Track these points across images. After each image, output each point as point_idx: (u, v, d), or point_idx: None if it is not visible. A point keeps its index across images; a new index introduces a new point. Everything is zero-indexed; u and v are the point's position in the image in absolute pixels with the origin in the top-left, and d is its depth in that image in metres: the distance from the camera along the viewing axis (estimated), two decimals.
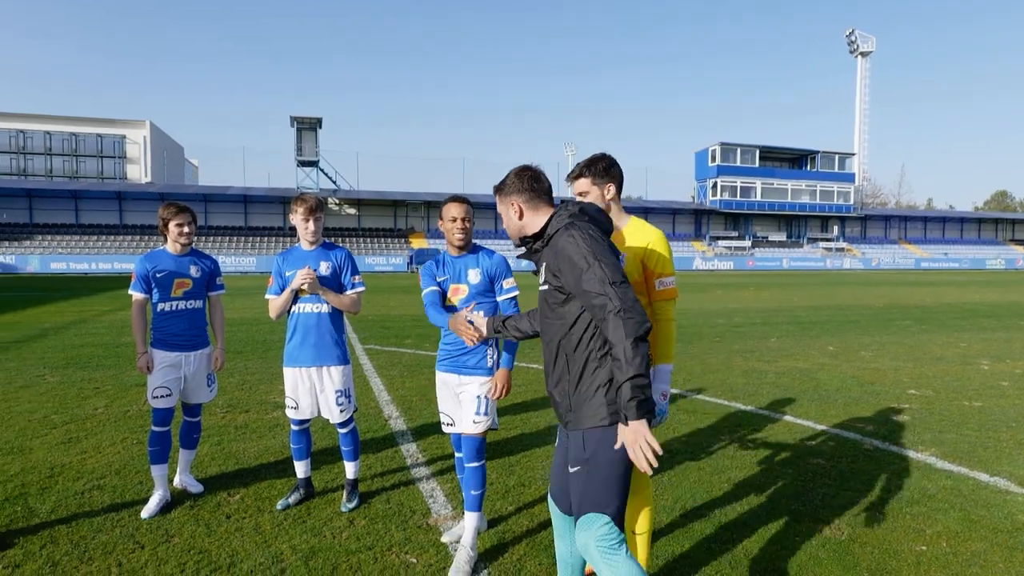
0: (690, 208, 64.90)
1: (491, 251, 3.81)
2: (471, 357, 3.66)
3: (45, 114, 74.81)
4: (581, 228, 2.42)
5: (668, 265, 2.99)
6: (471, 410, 3.63)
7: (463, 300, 3.67)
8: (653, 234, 3.03)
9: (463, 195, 3.84)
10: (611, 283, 2.27)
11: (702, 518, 4.08)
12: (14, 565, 3.44)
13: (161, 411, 4.29)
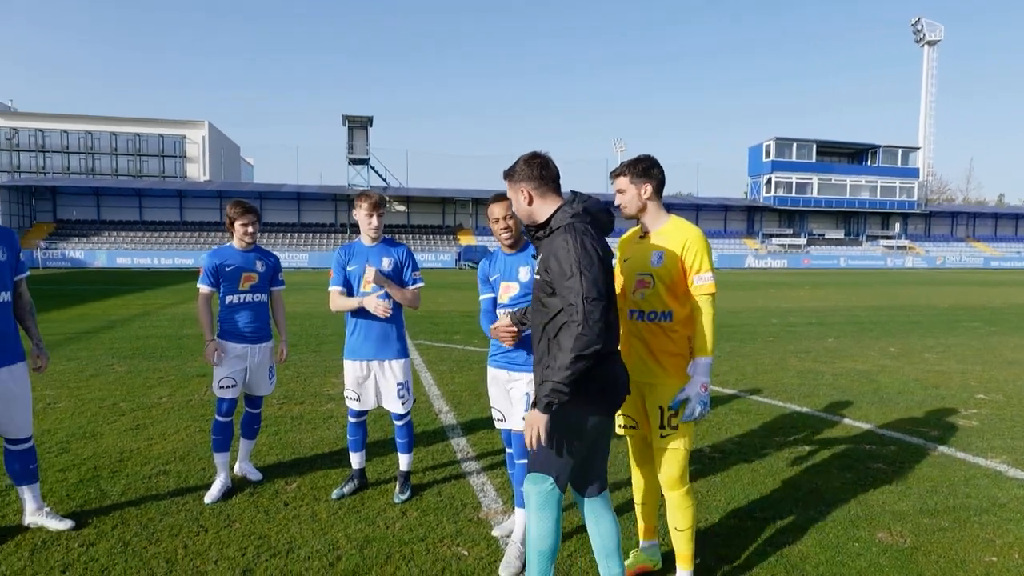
0: (743, 205, 63.45)
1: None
2: (520, 354, 3.67)
3: (111, 116, 78.16)
4: (578, 232, 2.58)
5: (706, 261, 3.04)
6: (520, 407, 3.64)
7: (512, 298, 3.65)
8: (691, 232, 3.09)
9: None
10: (583, 297, 2.48)
11: (755, 520, 4.00)
12: (88, 543, 3.62)
13: (226, 401, 4.44)
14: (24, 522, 3.85)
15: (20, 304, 3.87)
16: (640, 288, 3.16)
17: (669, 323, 3.10)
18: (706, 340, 3.02)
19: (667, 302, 3.09)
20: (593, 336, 2.47)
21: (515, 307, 3.65)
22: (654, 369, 3.13)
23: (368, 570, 3.36)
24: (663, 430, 3.10)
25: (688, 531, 3.18)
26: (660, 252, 3.10)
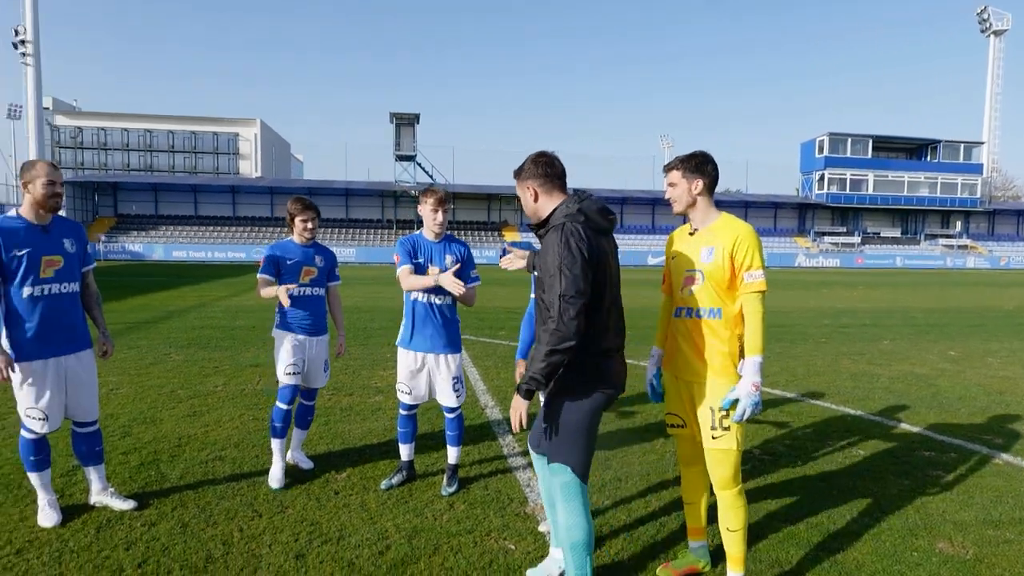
0: (794, 202, 61.82)
1: None
2: None
3: (169, 115, 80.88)
4: (568, 231, 2.70)
5: (756, 258, 2.99)
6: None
7: None
8: (742, 228, 3.04)
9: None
10: (560, 295, 2.63)
11: (808, 525, 3.90)
12: (150, 523, 3.77)
13: (290, 388, 4.51)
14: (90, 501, 4.03)
15: (87, 294, 4.04)
16: (688, 285, 3.12)
17: (718, 320, 3.05)
18: (757, 339, 2.96)
19: (716, 299, 3.04)
20: (568, 332, 2.62)
21: None
22: (701, 368, 3.09)
23: (416, 560, 3.41)
24: (714, 431, 3.05)
25: (740, 532, 3.12)
26: (710, 248, 3.05)
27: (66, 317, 3.80)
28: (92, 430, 4.00)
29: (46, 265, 3.70)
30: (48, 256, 3.71)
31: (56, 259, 3.74)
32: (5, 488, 4.23)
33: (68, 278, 3.81)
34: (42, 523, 3.74)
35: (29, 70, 37.60)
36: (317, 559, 3.40)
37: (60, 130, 77.87)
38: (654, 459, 5.05)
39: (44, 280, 3.69)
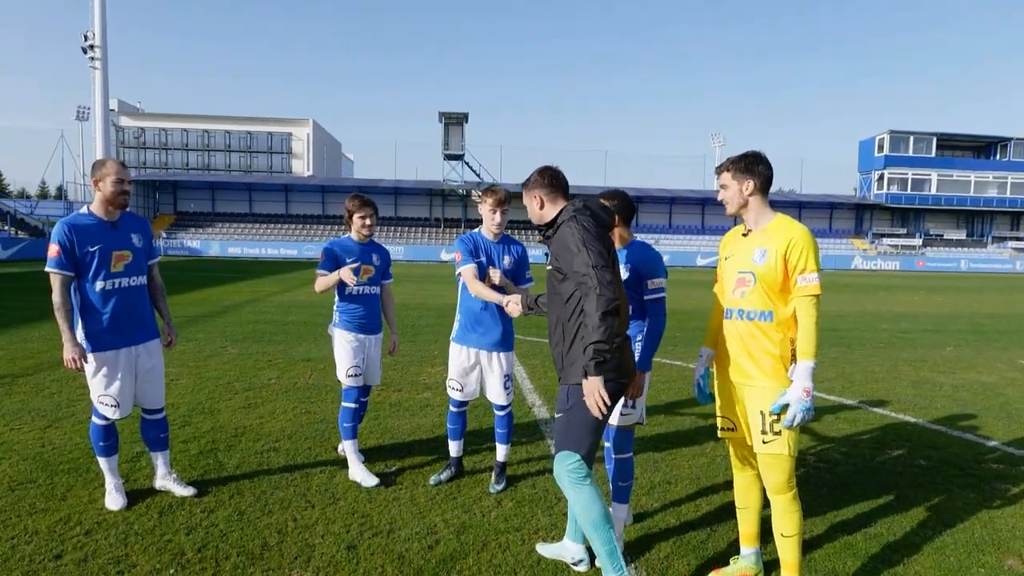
0: (851, 203, 59.87)
1: (647, 247, 3.72)
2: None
3: (226, 115, 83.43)
4: (579, 220, 2.93)
5: (811, 261, 2.92)
6: (618, 403, 3.60)
7: None
8: (797, 230, 2.97)
9: (616, 190, 3.78)
10: (593, 266, 2.79)
11: (866, 535, 3.78)
12: (209, 510, 3.90)
13: (355, 389, 4.56)
14: (155, 485, 4.20)
15: (153, 286, 4.21)
16: (740, 287, 3.07)
17: (769, 323, 2.98)
18: (810, 343, 2.88)
19: (768, 302, 2.98)
20: (610, 295, 2.76)
21: None
22: (751, 371, 3.03)
23: (465, 555, 3.43)
24: (765, 435, 2.98)
25: (795, 538, 3.04)
26: (763, 250, 2.98)
27: (135, 309, 3.98)
28: (159, 417, 4.17)
29: (116, 260, 3.88)
30: (118, 251, 3.88)
31: (125, 254, 3.92)
32: (75, 472, 4.44)
33: (136, 272, 3.99)
34: (109, 506, 3.91)
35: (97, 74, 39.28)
36: (368, 551, 3.46)
37: (124, 131, 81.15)
38: (704, 462, 4.97)
39: (115, 274, 3.87)
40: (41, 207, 51.88)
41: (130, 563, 3.27)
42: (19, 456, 4.71)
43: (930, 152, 58.29)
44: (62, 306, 3.73)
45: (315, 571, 3.24)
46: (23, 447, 4.91)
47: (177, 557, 3.34)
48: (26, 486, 4.18)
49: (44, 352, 8.67)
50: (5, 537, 3.49)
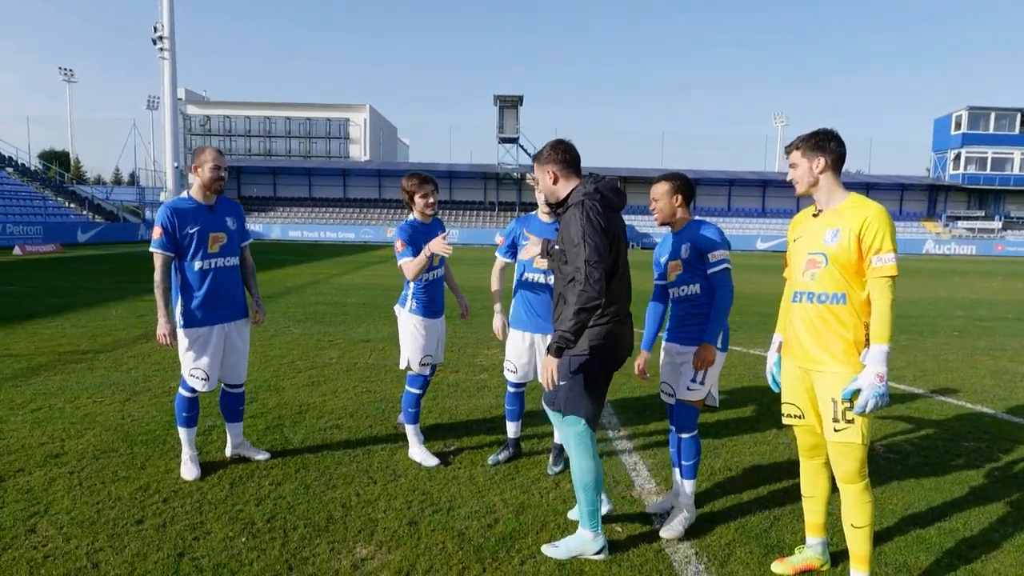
0: (923, 183, 57.01)
1: (705, 222, 3.71)
2: (694, 329, 3.64)
3: (286, 102, 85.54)
4: (588, 207, 3.04)
5: (887, 241, 2.79)
6: (687, 377, 3.63)
7: (680, 275, 3.68)
8: (872, 209, 2.86)
9: (676, 172, 3.77)
10: (586, 260, 2.94)
11: (939, 530, 3.62)
12: (276, 482, 4.05)
13: (423, 377, 4.57)
14: (227, 454, 4.43)
15: (244, 266, 4.42)
16: (810, 268, 2.96)
17: (842, 306, 2.87)
18: (884, 327, 2.76)
19: (841, 283, 2.87)
20: (593, 293, 2.92)
21: (682, 285, 3.63)
22: (822, 356, 2.92)
23: (524, 535, 3.46)
24: (836, 423, 2.87)
25: (866, 529, 2.94)
26: (835, 230, 2.87)
27: (229, 288, 4.23)
28: (239, 391, 4.42)
29: (213, 241, 4.12)
30: (214, 233, 4.13)
31: (221, 235, 4.16)
32: (152, 443, 4.67)
33: (231, 252, 4.23)
34: (185, 476, 4.11)
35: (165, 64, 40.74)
36: (429, 527, 3.53)
37: (191, 119, 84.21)
38: (766, 449, 4.86)
39: (211, 255, 4.12)
40: (115, 193, 54.41)
41: (205, 530, 3.43)
42: (102, 427, 4.99)
43: (1013, 129, 54.74)
44: (162, 284, 4.00)
45: (378, 545, 3.33)
46: (105, 418, 5.19)
47: (248, 526, 3.48)
48: (108, 455, 4.43)
49: (121, 329, 9.14)
50: (91, 502, 3.71)
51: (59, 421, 5.12)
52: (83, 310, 10.96)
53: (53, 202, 39.95)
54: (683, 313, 3.70)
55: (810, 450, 3.19)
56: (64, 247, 30.12)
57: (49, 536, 3.33)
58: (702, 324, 3.62)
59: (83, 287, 14.51)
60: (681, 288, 3.69)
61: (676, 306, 3.76)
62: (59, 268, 19.63)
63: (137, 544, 3.27)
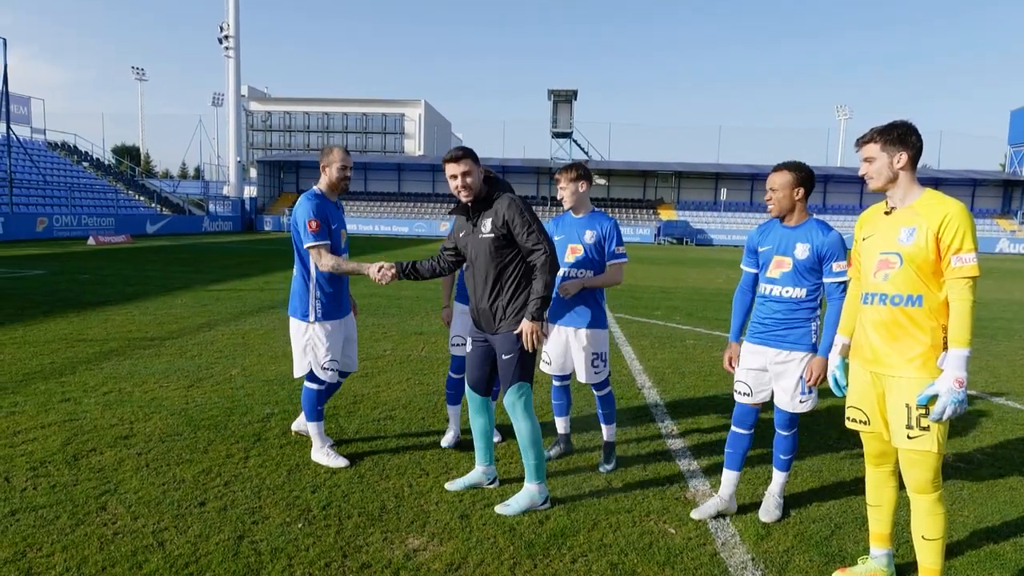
0: (998, 179, 54.08)
1: (828, 227, 3.51)
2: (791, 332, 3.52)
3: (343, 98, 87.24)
4: (518, 200, 3.66)
5: (968, 239, 2.66)
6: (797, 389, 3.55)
7: (786, 274, 3.51)
8: (952, 206, 2.72)
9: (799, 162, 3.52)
10: (545, 239, 3.56)
11: (1016, 546, 3.43)
12: (331, 471, 4.13)
13: (457, 359, 4.66)
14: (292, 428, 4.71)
15: None
16: (883, 269, 2.82)
17: (918, 309, 2.73)
18: (964, 330, 2.63)
19: (918, 285, 2.73)
20: (556, 262, 3.57)
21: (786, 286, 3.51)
22: (897, 361, 2.78)
23: (576, 532, 3.43)
24: (911, 430, 2.74)
25: (938, 542, 2.81)
26: (912, 228, 2.74)
27: (346, 283, 4.43)
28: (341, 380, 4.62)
29: (343, 236, 4.35)
30: (343, 229, 4.37)
31: (345, 232, 4.41)
32: (214, 428, 4.83)
33: (347, 248, 4.44)
34: (333, 465, 4.17)
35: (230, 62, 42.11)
36: (481, 521, 3.54)
37: (254, 115, 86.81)
38: (828, 454, 4.69)
39: (342, 250, 4.31)
40: (182, 187, 56.58)
41: (263, 515, 3.53)
42: (167, 411, 5.19)
43: None
44: (337, 263, 4.09)
45: (430, 536, 3.36)
46: (170, 403, 5.40)
47: (305, 513, 3.57)
48: (173, 438, 4.60)
49: (187, 318, 9.50)
50: (157, 483, 3.87)
51: (128, 404, 5.35)
52: (151, 298, 11.44)
53: (124, 195, 41.85)
54: (780, 316, 3.53)
55: (877, 457, 3.06)
56: (134, 238, 31.51)
57: (118, 514, 3.48)
58: (801, 328, 3.49)
59: (151, 276, 15.15)
60: (784, 288, 3.51)
61: (769, 304, 3.57)
62: (129, 258, 20.56)
63: (199, 526, 3.38)
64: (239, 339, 8.11)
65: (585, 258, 4.23)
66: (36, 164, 36.65)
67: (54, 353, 7.05)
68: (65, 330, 8.32)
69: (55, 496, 3.66)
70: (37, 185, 34.85)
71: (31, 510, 3.48)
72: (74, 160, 43.31)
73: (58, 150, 43.62)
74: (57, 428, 4.74)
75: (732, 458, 3.75)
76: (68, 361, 6.73)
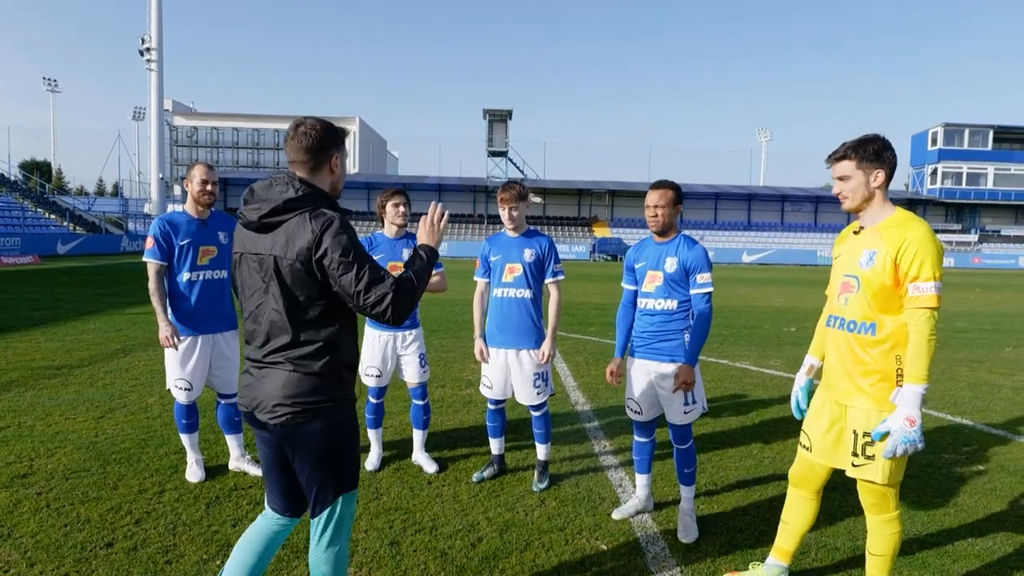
0: (902, 198, 57.77)
1: (693, 241, 3.70)
2: (666, 343, 3.65)
3: (275, 114, 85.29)
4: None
5: (927, 267, 2.52)
6: (679, 403, 3.65)
7: (658, 287, 3.67)
8: (915, 229, 2.58)
9: (667, 182, 3.72)
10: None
11: (923, 544, 3.59)
12: (255, 502, 3.95)
13: (374, 389, 4.63)
14: (229, 466, 4.46)
15: None
16: (844, 292, 2.73)
17: (871, 337, 2.63)
18: (919, 364, 2.49)
19: (871, 312, 2.63)
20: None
21: (659, 299, 3.60)
22: (849, 387, 2.70)
23: (508, 554, 3.39)
24: (855, 457, 2.67)
25: (884, 559, 2.80)
26: (872, 252, 2.62)
27: (216, 300, 4.28)
28: (232, 402, 4.41)
29: (203, 254, 4.21)
30: (205, 246, 4.22)
31: (211, 249, 4.26)
32: (127, 462, 4.55)
33: (220, 266, 4.29)
34: (189, 479, 4.25)
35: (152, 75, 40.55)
36: (411, 547, 3.44)
37: (178, 130, 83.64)
38: (751, 464, 4.82)
39: (200, 267, 4.20)
40: (98, 204, 53.68)
41: (178, 553, 3.33)
42: (73, 445, 4.85)
43: (986, 145, 55.97)
44: (156, 291, 4.12)
45: (358, 566, 3.24)
46: (77, 436, 5.06)
47: (223, 549, 3.38)
48: (79, 474, 4.30)
49: (99, 344, 8.97)
50: (58, 525, 3.59)
51: (28, 440, 4.97)
52: (60, 323, 10.75)
53: (32, 213, 39.35)
54: (654, 328, 3.68)
55: (800, 479, 3.01)
56: (42, 259, 29.65)
57: (12, 561, 3.21)
58: (674, 340, 3.62)
59: (61, 299, 14.26)
60: (657, 301, 3.66)
61: (646, 318, 3.73)
62: (36, 280, 19.29)
63: (105, 569, 3.16)
64: (157, 365, 7.69)
65: (523, 277, 4.21)
66: None
67: None
68: None
69: None
70: None
71: None
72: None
73: None
74: None
75: (640, 464, 3.92)
76: None
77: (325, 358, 2.28)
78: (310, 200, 2.29)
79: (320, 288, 2.24)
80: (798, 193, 56.46)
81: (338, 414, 2.33)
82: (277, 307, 2.27)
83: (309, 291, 2.24)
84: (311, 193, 2.30)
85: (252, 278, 2.33)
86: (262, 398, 2.29)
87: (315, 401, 2.26)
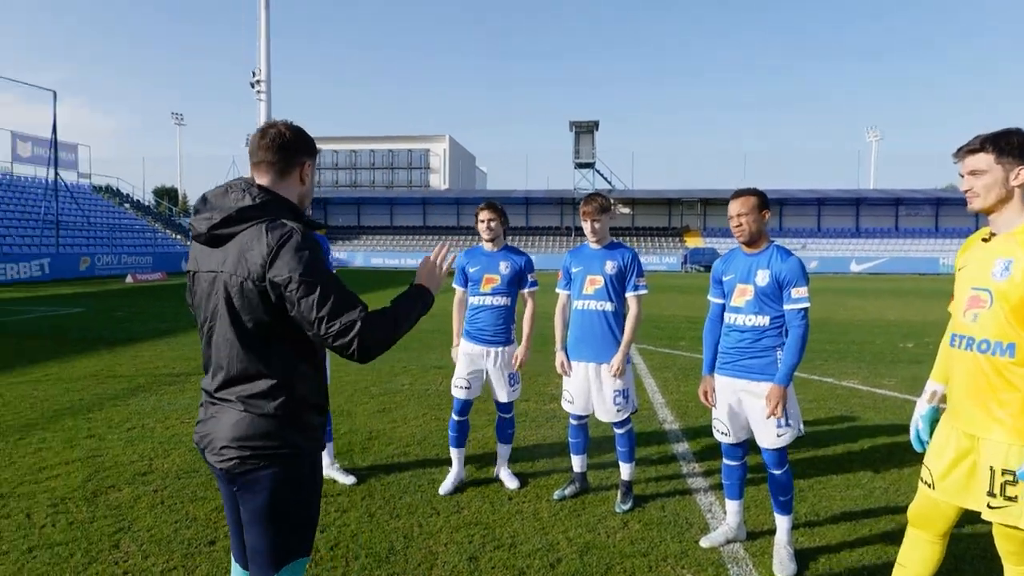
0: None
1: (788, 252, 3.49)
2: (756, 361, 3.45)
3: (370, 135, 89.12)
4: None
5: None
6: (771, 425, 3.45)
7: (748, 302, 3.49)
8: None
9: (750, 189, 3.55)
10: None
11: None
12: (342, 510, 4.08)
13: (459, 401, 4.59)
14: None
15: None
16: (973, 307, 2.41)
17: (1009, 360, 2.29)
18: None
19: (1009, 330, 2.30)
20: None
21: (749, 314, 3.44)
22: (982, 418, 2.36)
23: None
24: (992, 498, 2.32)
25: None
26: (1008, 260, 2.30)
27: None
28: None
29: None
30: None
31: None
32: None
33: None
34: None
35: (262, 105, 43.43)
36: (489, 564, 3.44)
37: None
38: (859, 494, 4.48)
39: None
40: None
41: None
42: (186, 447, 5.21)
43: None
44: None
45: None
46: (189, 439, 5.42)
47: (312, 553, 3.50)
48: (190, 475, 4.61)
49: None
50: (170, 521, 3.86)
51: (150, 440, 5.39)
52: (181, 334, 11.63)
53: (162, 234, 43.08)
54: (744, 344, 3.49)
55: (921, 519, 2.66)
56: (169, 275, 32.24)
57: (130, 552, 3.48)
58: (765, 357, 3.42)
59: (183, 313, 15.42)
60: (748, 316, 3.48)
61: (734, 334, 3.54)
62: (164, 295, 21.01)
63: (207, 566, 3.35)
64: None
65: (604, 289, 4.16)
66: (81, 207, 37.96)
67: (83, 390, 7.18)
68: (96, 366, 8.49)
69: (71, 533, 3.68)
70: (81, 226, 36.07)
71: (48, 547, 3.51)
72: (116, 202, 44.87)
73: (102, 193, 45.22)
74: (80, 464, 4.79)
75: (730, 489, 3.71)
76: (96, 397, 6.84)
77: (280, 398, 1.97)
78: (270, 209, 1.98)
79: (274, 313, 1.93)
80: (915, 195, 52.36)
81: (295, 465, 2.01)
82: (228, 335, 1.98)
83: (261, 316, 1.93)
84: (270, 201, 1.99)
85: (205, 300, 2.04)
86: (212, 437, 2.02)
87: (266, 447, 1.96)
